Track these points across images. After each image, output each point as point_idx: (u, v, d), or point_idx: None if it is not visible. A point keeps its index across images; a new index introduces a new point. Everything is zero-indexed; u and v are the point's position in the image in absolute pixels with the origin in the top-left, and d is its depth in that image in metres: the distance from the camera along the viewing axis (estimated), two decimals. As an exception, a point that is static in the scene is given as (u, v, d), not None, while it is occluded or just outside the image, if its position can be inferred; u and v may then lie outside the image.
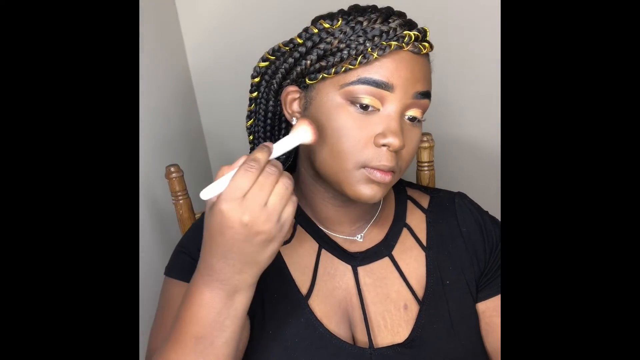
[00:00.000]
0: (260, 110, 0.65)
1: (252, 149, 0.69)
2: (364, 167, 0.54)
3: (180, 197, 0.83)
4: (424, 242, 0.65)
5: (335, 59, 0.54)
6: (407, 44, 0.54)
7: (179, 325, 0.48)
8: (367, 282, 0.62)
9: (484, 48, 1.02)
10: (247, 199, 0.43)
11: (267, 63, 0.61)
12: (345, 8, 0.59)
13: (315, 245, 0.63)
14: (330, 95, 0.55)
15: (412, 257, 0.64)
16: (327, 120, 0.55)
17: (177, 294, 0.58)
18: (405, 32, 0.54)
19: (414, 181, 0.86)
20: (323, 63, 0.55)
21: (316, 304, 0.60)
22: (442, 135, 1.05)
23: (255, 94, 0.64)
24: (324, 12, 0.60)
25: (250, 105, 0.66)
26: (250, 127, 0.67)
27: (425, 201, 0.69)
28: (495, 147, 1.11)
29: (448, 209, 0.68)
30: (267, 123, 0.65)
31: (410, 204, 0.69)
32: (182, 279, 0.59)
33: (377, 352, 0.58)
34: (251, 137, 0.68)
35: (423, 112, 0.57)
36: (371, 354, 0.58)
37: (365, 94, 0.53)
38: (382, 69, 0.53)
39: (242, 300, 0.47)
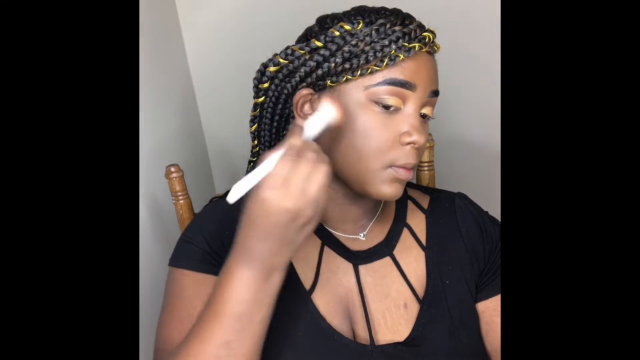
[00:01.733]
0: (267, 114, 0.65)
1: (255, 154, 0.69)
2: (390, 166, 0.56)
3: (180, 197, 0.83)
4: (424, 242, 0.65)
5: (361, 61, 0.55)
6: (426, 45, 0.56)
7: (217, 304, 0.49)
8: (367, 281, 0.62)
9: (484, 47, 1.02)
10: (289, 187, 0.45)
11: (278, 67, 0.60)
12: (346, 9, 0.59)
13: (318, 242, 0.63)
14: (354, 96, 0.56)
15: (412, 257, 0.64)
16: (350, 121, 0.55)
17: (187, 283, 0.59)
18: (424, 33, 0.56)
19: (414, 181, 0.87)
20: (347, 65, 0.55)
21: (319, 300, 0.60)
22: (442, 135, 1.05)
23: (262, 98, 0.63)
24: (324, 13, 0.60)
25: (254, 110, 0.65)
26: (255, 132, 0.67)
27: (425, 202, 0.70)
28: (495, 147, 1.11)
29: (448, 210, 0.68)
30: (274, 126, 0.65)
31: (410, 204, 0.69)
32: (191, 268, 0.60)
33: (378, 349, 0.58)
34: (255, 142, 0.68)
35: (433, 109, 0.59)
36: (372, 350, 0.58)
37: (389, 95, 0.55)
38: (405, 69, 0.55)
39: (277, 279, 0.50)
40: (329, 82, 0.57)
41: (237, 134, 1.20)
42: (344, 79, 0.56)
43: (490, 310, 0.63)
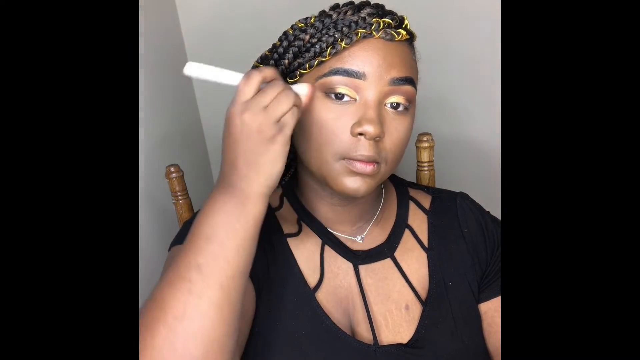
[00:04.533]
0: None
1: None
2: (343, 158, 0.54)
3: (180, 197, 0.83)
4: (426, 244, 0.65)
5: (310, 54, 0.56)
6: (377, 31, 0.55)
7: (192, 229, 0.49)
8: (368, 282, 0.62)
9: (485, 47, 1.02)
10: (250, 102, 0.47)
11: None
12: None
13: (318, 241, 0.63)
14: None
15: (413, 258, 0.64)
16: (308, 115, 0.56)
17: None
18: (374, 19, 0.55)
19: (415, 181, 0.86)
20: (300, 60, 0.57)
21: (323, 298, 0.60)
22: (442, 135, 1.05)
23: None
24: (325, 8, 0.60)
25: None
26: None
27: (427, 202, 0.69)
28: (495, 147, 1.11)
29: (449, 210, 0.68)
30: None
31: (412, 205, 0.69)
32: None
33: (382, 350, 0.58)
34: None
35: (408, 100, 0.56)
36: (375, 351, 0.57)
37: (339, 85, 0.54)
38: (351, 57, 0.54)
39: (253, 211, 0.48)
40: (287, 79, 0.58)
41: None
42: (298, 73, 0.57)
43: (492, 311, 0.63)
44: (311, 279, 0.61)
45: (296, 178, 0.67)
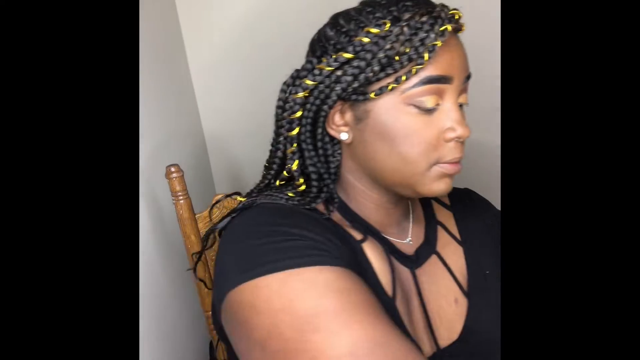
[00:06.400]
0: (308, 146, 0.58)
1: (305, 191, 0.60)
2: (436, 163, 0.53)
3: (180, 197, 0.83)
4: (458, 237, 0.66)
5: (403, 63, 0.50)
6: (457, 23, 0.53)
7: None
8: (422, 281, 0.61)
9: (485, 47, 1.02)
10: None
11: (307, 91, 0.54)
12: (344, 9, 0.56)
13: (381, 248, 0.59)
14: (389, 102, 0.52)
15: (452, 252, 0.64)
16: (392, 128, 0.52)
17: (340, 281, 0.46)
18: (452, 11, 0.53)
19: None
20: (389, 70, 0.50)
21: (399, 307, 0.57)
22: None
23: (296, 129, 0.56)
24: (329, 12, 0.58)
25: (291, 145, 0.58)
26: (299, 169, 0.59)
27: (445, 199, 0.70)
28: (495, 147, 1.11)
29: (467, 205, 0.70)
30: (320, 154, 0.58)
31: (434, 203, 0.69)
32: (324, 264, 0.47)
33: (443, 353, 0.57)
34: (301, 180, 0.59)
35: (467, 95, 0.56)
36: (441, 357, 0.57)
37: (426, 94, 0.51)
38: (440, 62, 0.51)
39: None
40: (372, 94, 0.52)
41: (237, 134, 1.21)
42: (390, 87, 0.50)
43: None
44: (388, 287, 0.56)
45: (339, 184, 0.62)
